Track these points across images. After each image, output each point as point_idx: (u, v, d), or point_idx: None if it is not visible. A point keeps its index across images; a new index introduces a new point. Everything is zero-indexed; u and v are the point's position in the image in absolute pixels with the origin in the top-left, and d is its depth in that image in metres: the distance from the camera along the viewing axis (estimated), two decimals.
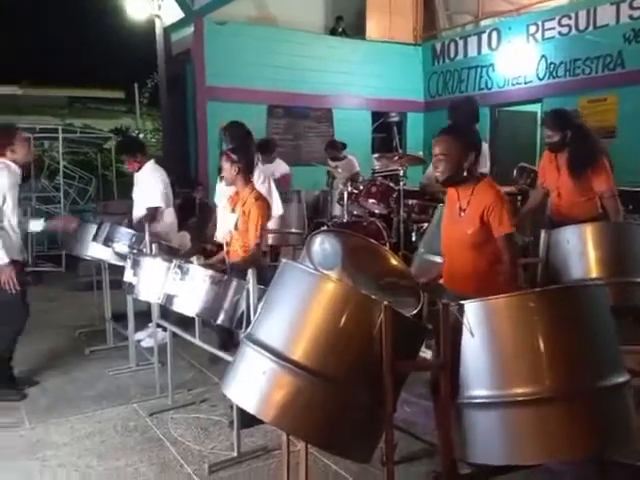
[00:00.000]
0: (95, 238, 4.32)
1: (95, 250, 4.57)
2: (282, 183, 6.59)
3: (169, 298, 3.05)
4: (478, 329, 1.99)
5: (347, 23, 10.79)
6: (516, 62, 9.38)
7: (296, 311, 2.02)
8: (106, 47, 16.07)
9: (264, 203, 3.73)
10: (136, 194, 5.06)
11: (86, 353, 4.82)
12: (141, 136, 14.21)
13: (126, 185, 12.05)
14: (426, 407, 3.40)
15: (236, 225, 3.78)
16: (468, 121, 4.38)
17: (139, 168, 4.97)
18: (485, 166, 4.98)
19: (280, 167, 6.68)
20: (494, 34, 9.83)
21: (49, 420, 3.63)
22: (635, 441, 1.98)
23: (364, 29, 10.80)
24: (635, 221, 4.09)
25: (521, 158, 6.64)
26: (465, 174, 2.77)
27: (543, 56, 9.00)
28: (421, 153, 9.77)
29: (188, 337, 3.50)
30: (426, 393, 3.47)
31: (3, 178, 3.75)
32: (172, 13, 9.80)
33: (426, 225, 5.16)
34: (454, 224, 2.88)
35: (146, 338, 4.91)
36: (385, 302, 1.92)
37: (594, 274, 3.18)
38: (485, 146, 5.97)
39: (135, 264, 3.49)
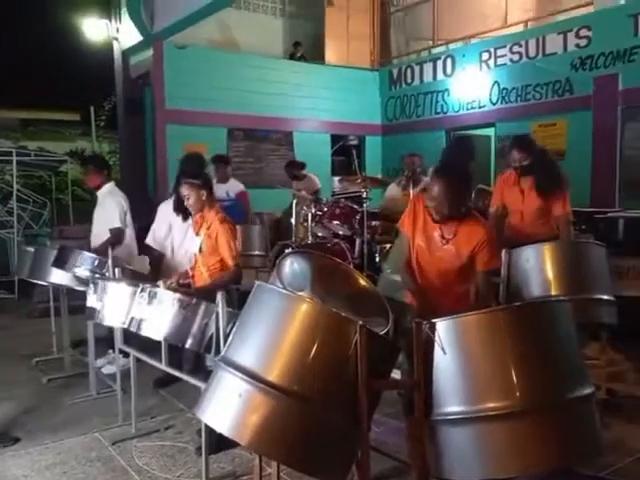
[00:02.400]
0: (56, 263, 4.21)
1: (55, 275, 4.44)
2: (242, 200, 6.56)
3: (136, 322, 3.00)
4: (450, 346, 2.04)
5: (306, 49, 10.97)
6: (470, 88, 9.70)
7: (271, 332, 2.03)
8: (62, 69, 15.82)
9: (230, 225, 3.72)
10: (95, 215, 4.98)
11: (44, 382, 4.66)
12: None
13: (82, 209, 11.85)
14: (395, 426, 3.44)
15: (200, 248, 3.75)
16: (463, 159, 4.47)
17: (99, 186, 4.90)
18: None
19: (234, 187, 6.63)
20: (448, 61, 10.15)
21: (7, 452, 3.48)
22: (603, 453, 2.04)
23: (323, 54, 11.00)
24: (590, 240, 4.24)
25: (477, 180, 6.83)
26: (464, 211, 2.87)
27: (496, 82, 9.34)
28: (380, 175, 9.99)
29: (154, 363, 3.43)
30: (394, 413, 3.53)
31: None
32: (131, 36, 9.76)
33: (389, 246, 5.23)
34: (434, 251, 2.95)
35: (106, 365, 4.78)
36: (360, 322, 1.94)
37: (553, 291, 3.28)
38: None
39: (99, 289, 3.41)
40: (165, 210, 4.68)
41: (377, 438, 3.27)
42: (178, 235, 4.55)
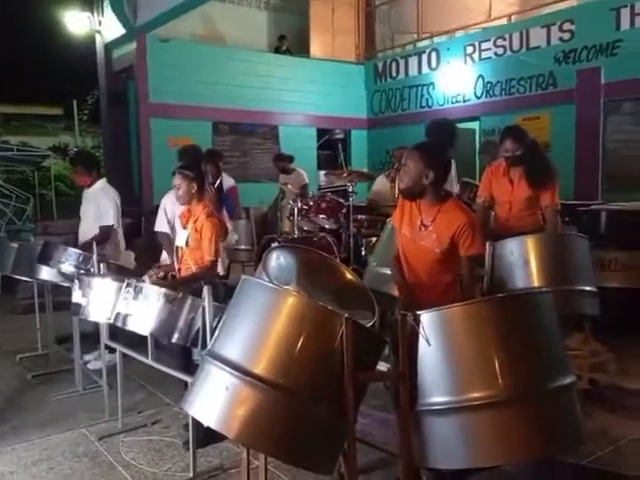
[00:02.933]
0: (40, 259, 4.18)
1: (39, 271, 4.42)
2: (232, 196, 6.54)
3: (121, 318, 3.00)
4: (434, 338, 2.07)
5: (290, 42, 10.95)
6: (455, 81, 9.75)
7: (257, 326, 2.04)
8: (44, 63, 15.63)
9: (217, 220, 3.71)
10: (84, 212, 4.94)
11: (28, 378, 4.62)
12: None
13: (66, 204, 11.77)
14: (381, 418, 3.47)
15: (187, 242, 3.74)
16: (441, 142, 4.45)
17: (90, 185, 4.86)
18: (452, 187, 5.11)
19: (226, 181, 6.63)
20: (433, 54, 10.19)
21: None
22: (584, 441, 2.08)
23: (308, 48, 10.98)
24: (572, 232, 4.29)
25: (461, 173, 6.87)
26: (422, 189, 2.86)
27: (480, 76, 9.39)
28: (366, 169, 10.01)
29: (140, 358, 3.42)
30: (380, 405, 3.56)
31: None
32: (114, 29, 9.68)
33: (375, 239, 5.25)
34: (415, 239, 2.95)
35: (92, 360, 4.76)
36: (346, 314, 1.96)
37: (537, 283, 3.32)
38: (453, 167, 6.13)
39: (84, 284, 3.40)
40: (166, 202, 4.65)
41: (363, 430, 3.30)
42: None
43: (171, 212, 4.55)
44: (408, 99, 10.65)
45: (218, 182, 4.37)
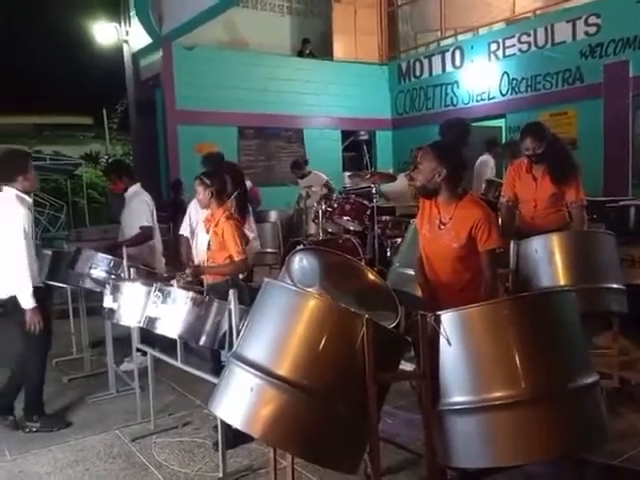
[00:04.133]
0: (72, 265, 4.30)
1: (73, 277, 4.54)
2: (252, 199, 6.62)
3: (151, 321, 3.08)
4: (455, 338, 2.09)
5: (314, 45, 11.02)
6: (479, 79, 9.68)
7: (280, 328, 2.09)
8: (74, 73, 15.99)
9: (235, 221, 3.82)
10: (123, 217, 5.08)
11: (64, 382, 4.75)
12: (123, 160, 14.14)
13: (97, 211, 12.04)
14: (407, 418, 3.48)
15: (209, 245, 3.83)
16: (455, 141, 4.46)
17: (125, 189, 5.01)
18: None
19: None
20: (457, 52, 10.13)
21: (30, 451, 3.58)
22: (609, 440, 2.07)
23: (331, 50, 11.03)
24: (599, 230, 4.23)
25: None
26: (436, 187, 2.89)
27: (505, 72, 9.30)
28: (391, 170, 10.00)
29: (171, 360, 3.50)
30: (406, 405, 3.58)
31: (21, 209, 3.63)
32: (140, 38, 9.88)
33: (399, 240, 5.26)
34: (435, 237, 2.98)
35: (125, 362, 4.87)
36: (366, 315, 1.99)
37: (562, 281, 3.31)
38: (490, 166, 6.04)
39: (115, 289, 3.50)
40: (191, 208, 4.77)
41: (389, 430, 3.32)
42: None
43: (194, 217, 4.67)
44: (432, 98, 10.60)
45: (236, 193, 4.47)
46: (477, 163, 6.57)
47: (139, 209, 4.90)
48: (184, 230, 4.82)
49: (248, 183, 6.62)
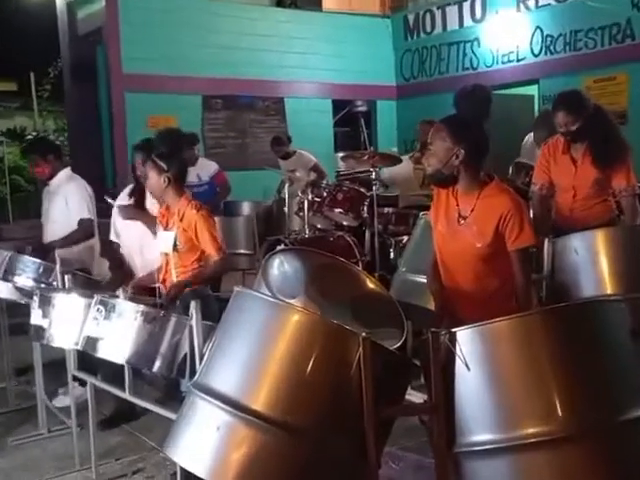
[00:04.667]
0: None
1: None
2: (219, 185, 6.59)
3: (91, 342, 3.06)
4: (475, 361, 2.08)
5: None
6: (506, 36, 9.71)
7: (255, 350, 2.08)
8: None
9: (208, 212, 3.83)
10: (48, 211, 5.03)
11: None
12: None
13: (24, 202, 11.94)
14: (416, 462, 3.49)
15: (175, 245, 3.81)
16: (474, 113, 4.47)
17: (51, 175, 4.96)
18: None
19: (206, 167, 6.65)
20: (478, 2, 10.16)
21: None
22: None
23: None
24: None
25: (516, 152, 6.85)
26: (453, 173, 2.90)
27: (538, 27, 9.35)
28: (395, 150, 10.02)
29: (116, 392, 3.49)
30: (415, 445, 3.58)
31: None
32: None
33: (406, 238, 5.28)
34: (453, 235, 2.99)
35: (59, 394, 4.85)
36: (364, 333, 1.99)
37: (609, 289, 3.33)
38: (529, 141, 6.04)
39: (44, 302, 3.47)
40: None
41: (395, 477, 3.33)
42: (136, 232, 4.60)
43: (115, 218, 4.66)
44: (447, 60, 10.63)
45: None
46: (525, 143, 6.58)
47: (77, 197, 4.86)
48: (113, 235, 4.77)
49: (213, 166, 6.63)
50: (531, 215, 4.39)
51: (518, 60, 9.66)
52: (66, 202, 4.89)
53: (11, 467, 4.00)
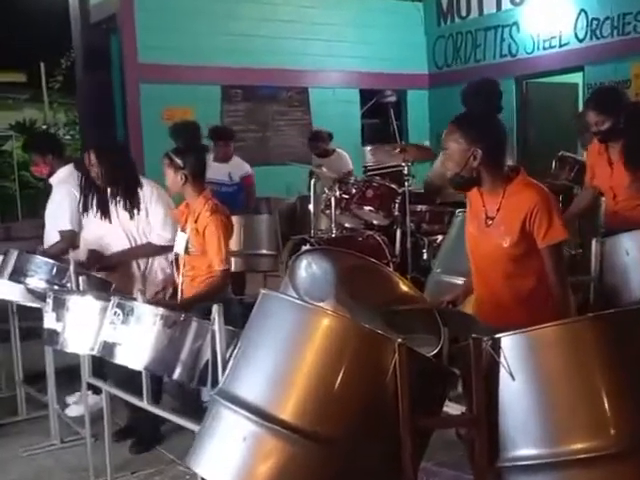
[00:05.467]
0: (2, 272, 4.33)
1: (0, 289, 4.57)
2: (247, 186, 6.64)
3: (108, 348, 3.09)
4: (520, 369, 2.08)
5: None
6: (548, 19, 9.63)
7: (283, 356, 2.09)
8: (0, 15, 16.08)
9: (223, 216, 3.82)
10: (50, 213, 5.09)
11: None
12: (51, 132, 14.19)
13: (33, 200, 12.06)
14: (452, 478, 3.49)
15: (187, 249, 3.84)
16: (485, 108, 4.51)
17: (50, 174, 5.01)
18: None
19: (239, 167, 6.72)
20: None
21: None
22: None
23: None
24: None
25: (559, 145, 6.81)
26: (474, 174, 2.89)
27: (582, 10, 9.26)
28: (427, 143, 9.97)
29: (133, 400, 3.52)
30: (452, 460, 3.57)
31: None
32: None
33: (440, 238, 5.26)
34: (482, 237, 2.99)
35: (73, 405, 4.90)
36: (399, 339, 1.99)
37: None
38: None
39: (58, 305, 3.51)
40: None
41: None
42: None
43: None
44: (483, 46, 10.57)
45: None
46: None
47: (58, 205, 4.85)
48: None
49: (245, 167, 6.67)
50: (578, 209, 4.43)
51: (561, 46, 9.57)
52: (52, 205, 4.93)
53: (24, 477, 4.06)
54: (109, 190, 4.45)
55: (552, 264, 2.87)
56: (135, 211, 4.41)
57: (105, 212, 4.49)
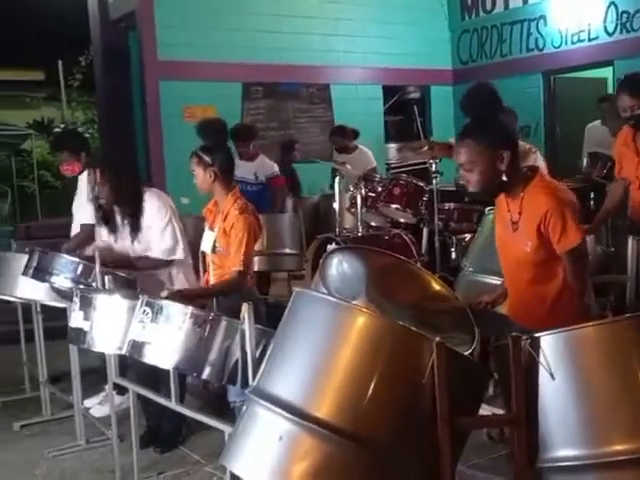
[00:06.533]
0: (28, 271, 4.37)
1: (24, 288, 4.62)
2: (274, 187, 6.66)
3: (137, 347, 3.11)
4: (559, 369, 2.09)
5: None
6: (576, 13, 9.57)
7: (318, 355, 2.11)
8: (19, 14, 16.18)
9: (251, 217, 3.84)
10: (76, 207, 5.15)
11: (15, 429, 4.84)
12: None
13: (52, 199, 12.16)
14: None
15: (214, 248, 3.86)
16: (490, 111, 4.53)
17: (81, 172, 5.07)
18: None
19: (266, 167, 6.74)
20: None
21: None
22: None
23: None
24: None
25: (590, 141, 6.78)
26: (505, 179, 2.88)
27: (612, 3, 9.18)
28: (452, 140, 9.92)
29: (161, 400, 3.55)
30: (483, 463, 3.57)
31: None
32: None
33: (469, 236, 5.26)
34: (509, 240, 3.02)
35: (97, 405, 4.95)
36: (437, 338, 2.00)
37: None
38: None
39: (85, 303, 3.55)
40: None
41: None
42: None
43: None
44: (509, 41, 10.51)
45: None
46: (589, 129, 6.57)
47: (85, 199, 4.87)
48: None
49: (271, 166, 6.68)
50: (611, 205, 4.40)
51: (590, 40, 9.49)
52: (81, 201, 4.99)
53: (49, 479, 4.10)
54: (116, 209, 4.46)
55: (572, 269, 2.86)
56: (137, 233, 4.38)
57: (113, 229, 4.49)
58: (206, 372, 3.03)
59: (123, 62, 10.23)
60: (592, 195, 5.40)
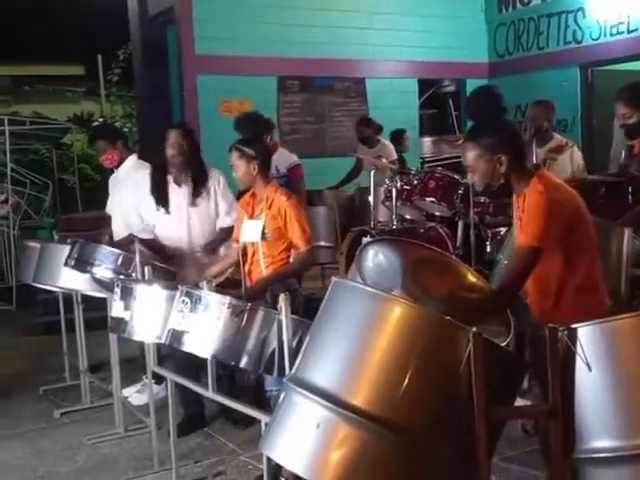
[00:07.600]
0: (69, 262, 4.46)
1: (65, 278, 4.71)
2: (294, 180, 6.65)
3: (176, 336, 3.16)
4: (597, 360, 2.09)
5: None
6: (615, 4, 9.43)
7: (356, 344, 2.13)
8: (60, 10, 16.37)
9: (298, 199, 3.98)
10: (114, 201, 5.20)
11: (56, 416, 4.95)
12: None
13: (92, 192, 12.32)
14: (519, 474, 3.48)
15: (263, 234, 3.90)
16: (491, 112, 4.56)
17: (119, 163, 5.13)
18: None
19: (286, 158, 6.70)
20: None
21: None
22: None
23: None
24: None
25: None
26: (504, 181, 2.93)
27: None
28: None
29: (198, 389, 3.60)
30: (518, 456, 3.56)
31: None
32: None
33: (504, 230, 5.22)
34: (518, 236, 3.02)
35: (135, 394, 5.02)
36: (474, 329, 2.00)
37: None
38: None
39: (126, 293, 3.61)
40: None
41: None
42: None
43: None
44: (547, 33, 10.39)
45: None
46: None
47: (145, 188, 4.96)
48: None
49: (292, 158, 6.68)
50: None
51: (629, 32, 9.35)
52: (132, 192, 4.99)
53: (89, 466, 4.19)
54: (174, 177, 4.58)
55: (516, 261, 2.89)
56: (201, 198, 4.53)
57: (165, 202, 4.59)
58: (243, 361, 3.09)
59: (161, 57, 10.32)
60: (630, 189, 5.32)
